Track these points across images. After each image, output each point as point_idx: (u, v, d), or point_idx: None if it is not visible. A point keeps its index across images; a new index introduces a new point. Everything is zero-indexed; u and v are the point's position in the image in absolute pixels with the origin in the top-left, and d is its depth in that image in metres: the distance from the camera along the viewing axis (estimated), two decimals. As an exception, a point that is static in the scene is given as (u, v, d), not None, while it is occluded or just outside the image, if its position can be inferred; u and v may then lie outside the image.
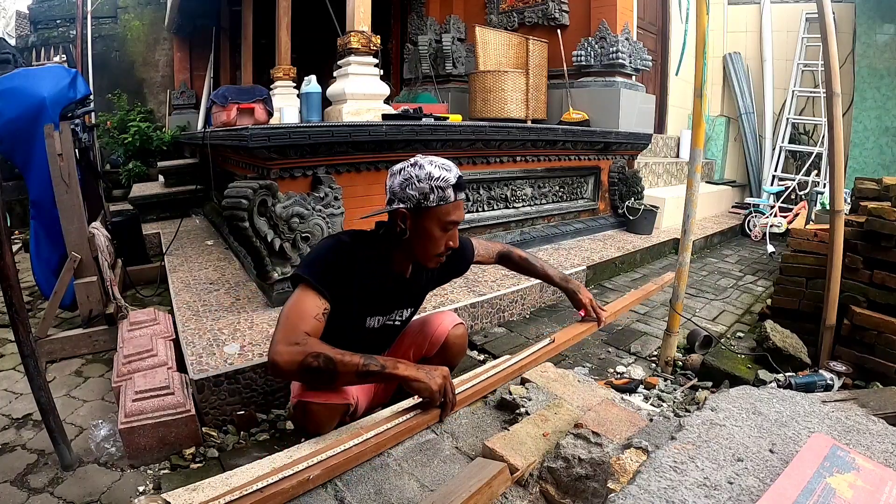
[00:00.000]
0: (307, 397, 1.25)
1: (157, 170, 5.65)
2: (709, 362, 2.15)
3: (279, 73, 4.89)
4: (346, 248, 1.30)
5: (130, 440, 1.60)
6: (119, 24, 7.33)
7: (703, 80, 2.01)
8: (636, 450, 0.98)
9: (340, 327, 1.37)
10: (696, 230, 3.94)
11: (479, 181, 3.45)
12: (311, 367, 1.08)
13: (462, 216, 1.32)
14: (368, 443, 1.14)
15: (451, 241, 1.31)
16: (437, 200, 1.24)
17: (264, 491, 0.98)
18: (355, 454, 1.11)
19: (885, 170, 5.45)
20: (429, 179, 1.24)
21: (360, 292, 1.31)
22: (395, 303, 1.44)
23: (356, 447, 1.12)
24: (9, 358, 2.37)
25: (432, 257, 1.32)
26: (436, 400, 1.19)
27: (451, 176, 1.26)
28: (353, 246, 1.31)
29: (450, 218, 1.28)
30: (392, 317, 1.45)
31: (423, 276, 1.47)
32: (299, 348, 1.09)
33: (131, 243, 3.55)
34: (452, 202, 1.26)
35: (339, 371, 1.09)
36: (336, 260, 1.26)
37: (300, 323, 1.14)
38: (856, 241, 2.16)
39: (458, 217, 1.30)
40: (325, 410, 1.26)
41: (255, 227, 2.35)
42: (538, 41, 4.65)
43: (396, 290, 1.41)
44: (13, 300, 1.51)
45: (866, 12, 5.50)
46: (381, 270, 1.35)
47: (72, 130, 2.38)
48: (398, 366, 1.15)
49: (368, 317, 1.39)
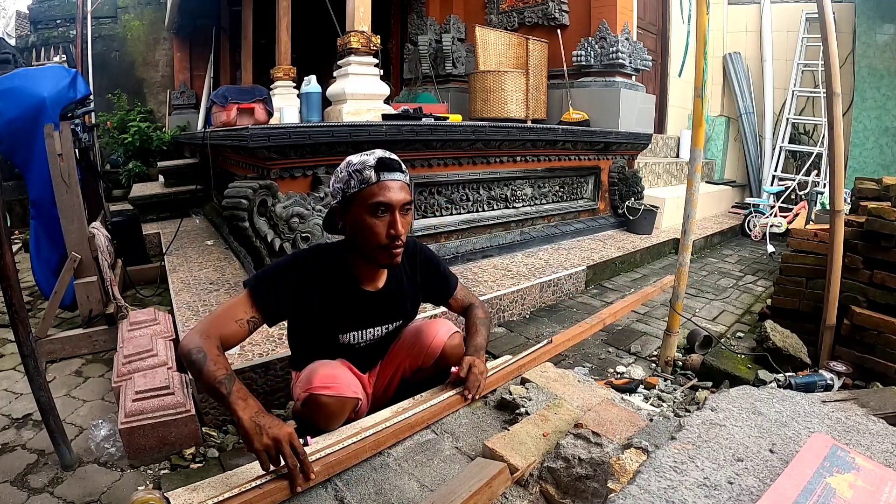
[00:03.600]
0: (318, 390, 1.22)
1: (157, 170, 5.65)
2: (709, 362, 2.15)
3: (279, 73, 4.89)
4: (302, 263, 1.28)
5: (130, 440, 1.60)
6: (119, 24, 7.33)
7: (704, 80, 2.01)
8: (636, 450, 0.98)
9: (315, 343, 1.36)
10: (696, 230, 3.94)
11: (479, 181, 3.45)
12: (189, 357, 1.09)
13: (396, 197, 1.22)
14: (367, 441, 1.15)
15: (391, 228, 1.22)
16: (358, 184, 1.21)
17: (263, 488, 0.98)
18: (354, 451, 1.11)
19: (885, 170, 5.44)
20: (346, 167, 1.23)
21: (325, 308, 1.29)
22: (367, 319, 1.38)
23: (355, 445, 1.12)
24: (9, 358, 2.37)
25: (377, 250, 1.24)
26: (261, 458, 1.01)
27: (369, 158, 1.22)
28: (312, 259, 1.30)
29: (375, 199, 1.20)
30: (368, 334, 1.40)
31: (397, 288, 1.41)
32: (199, 340, 1.11)
33: (131, 243, 3.55)
34: (375, 183, 1.20)
35: (203, 375, 1.06)
36: (285, 274, 1.25)
37: (219, 321, 1.16)
38: (856, 241, 2.16)
39: (388, 198, 1.21)
40: (337, 403, 1.24)
41: (255, 227, 2.35)
42: (538, 41, 4.65)
43: (368, 306, 1.36)
44: (13, 300, 1.51)
45: (866, 12, 5.50)
46: (345, 283, 1.32)
47: (72, 130, 2.39)
48: (237, 404, 1.03)
49: (340, 333, 1.35)
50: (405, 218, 1.25)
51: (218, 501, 0.95)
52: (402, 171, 1.26)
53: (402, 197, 1.24)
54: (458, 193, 3.34)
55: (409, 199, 1.26)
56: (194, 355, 1.08)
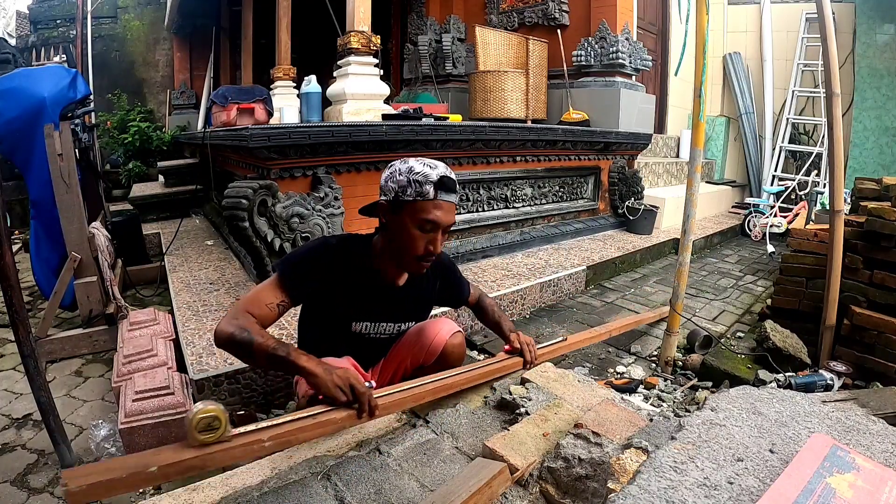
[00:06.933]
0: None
1: (157, 170, 5.65)
2: (709, 362, 2.15)
3: (279, 73, 4.89)
4: (329, 250, 1.30)
5: (130, 440, 1.60)
6: (119, 24, 7.33)
7: (703, 80, 2.00)
8: (636, 450, 0.98)
9: (327, 328, 1.38)
10: (696, 230, 3.94)
11: (479, 181, 3.45)
12: (234, 340, 1.11)
13: (445, 219, 1.25)
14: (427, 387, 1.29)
15: (430, 244, 1.25)
16: (415, 195, 1.22)
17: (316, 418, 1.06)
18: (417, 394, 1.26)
19: (885, 170, 5.44)
20: (408, 173, 1.23)
21: (344, 295, 1.31)
22: (383, 313, 1.40)
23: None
24: (9, 358, 2.37)
25: (411, 259, 1.27)
26: (337, 397, 1.09)
27: (432, 173, 1.22)
28: (338, 248, 1.31)
29: (426, 216, 1.22)
30: (381, 327, 1.42)
31: (415, 290, 1.43)
32: (236, 322, 1.13)
33: (131, 243, 3.54)
34: (431, 199, 1.22)
35: (253, 351, 1.11)
36: (313, 259, 1.28)
37: (250, 305, 1.19)
38: (856, 241, 2.16)
39: (438, 218, 1.23)
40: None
41: (255, 227, 2.35)
42: (538, 41, 4.65)
43: (385, 300, 1.39)
44: (13, 300, 1.51)
45: (866, 12, 5.50)
46: (367, 275, 1.34)
47: (72, 130, 2.38)
48: (301, 357, 1.11)
49: (354, 322, 1.37)
50: (444, 237, 1.29)
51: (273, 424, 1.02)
52: (457, 192, 1.29)
53: (451, 219, 1.28)
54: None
55: (454, 222, 1.31)
56: (238, 336, 1.11)
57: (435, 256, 1.28)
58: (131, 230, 3.59)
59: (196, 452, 0.92)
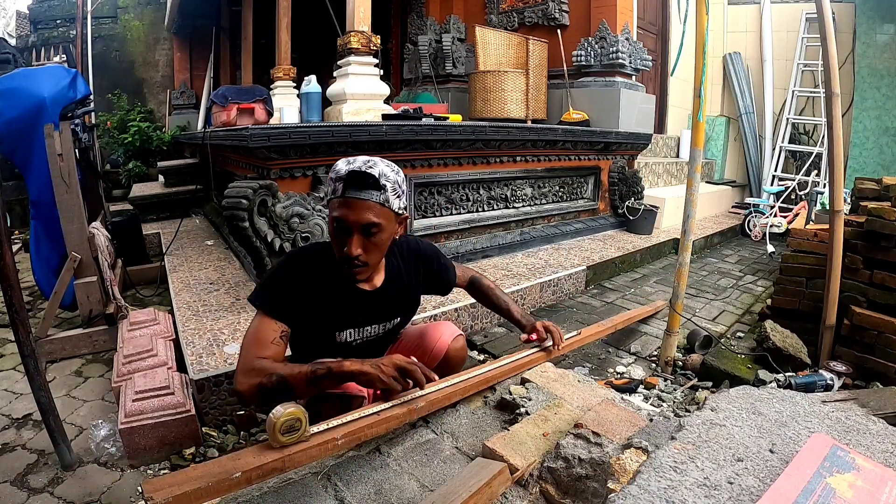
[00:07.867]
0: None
1: (157, 170, 5.65)
2: (709, 362, 2.15)
3: (279, 73, 4.89)
4: (301, 264, 1.25)
5: (130, 440, 1.60)
6: (119, 24, 7.33)
7: (703, 80, 2.00)
8: (636, 450, 0.98)
9: (314, 342, 1.34)
10: (696, 230, 3.94)
11: (479, 181, 3.45)
12: (266, 388, 1.07)
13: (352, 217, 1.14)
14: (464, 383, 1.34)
15: (343, 246, 1.16)
16: (330, 193, 1.17)
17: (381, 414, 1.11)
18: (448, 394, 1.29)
19: (885, 170, 5.44)
20: (331, 171, 1.19)
21: (324, 305, 1.26)
22: (366, 317, 1.35)
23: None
24: (9, 358, 2.37)
25: (341, 262, 1.20)
26: (394, 387, 1.10)
27: (343, 168, 1.14)
28: (308, 258, 1.26)
29: (333, 214, 1.16)
30: (366, 332, 1.37)
31: (396, 286, 1.38)
32: (255, 374, 1.08)
33: (131, 243, 3.54)
34: (339, 197, 1.14)
35: (293, 384, 1.07)
36: (288, 278, 1.22)
37: (257, 350, 1.13)
38: (856, 241, 2.16)
39: (343, 216, 1.14)
40: (342, 402, 1.24)
41: (255, 227, 2.35)
42: (538, 41, 4.65)
43: (365, 303, 1.33)
44: (13, 300, 1.51)
45: (866, 12, 5.50)
46: (339, 283, 1.27)
47: (72, 130, 2.39)
48: (344, 364, 1.09)
49: (338, 331, 1.32)
50: (369, 240, 1.17)
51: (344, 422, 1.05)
52: (378, 188, 1.15)
53: (365, 218, 1.14)
54: (458, 193, 3.34)
55: (375, 222, 1.15)
56: (267, 382, 1.06)
57: (359, 261, 1.18)
58: (131, 230, 3.59)
59: (277, 454, 0.92)
